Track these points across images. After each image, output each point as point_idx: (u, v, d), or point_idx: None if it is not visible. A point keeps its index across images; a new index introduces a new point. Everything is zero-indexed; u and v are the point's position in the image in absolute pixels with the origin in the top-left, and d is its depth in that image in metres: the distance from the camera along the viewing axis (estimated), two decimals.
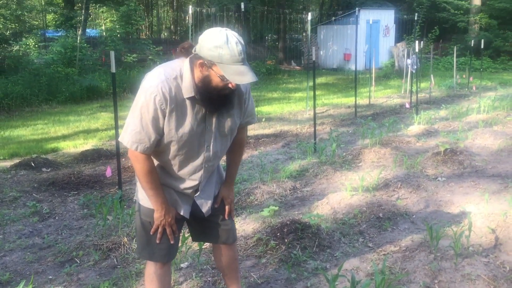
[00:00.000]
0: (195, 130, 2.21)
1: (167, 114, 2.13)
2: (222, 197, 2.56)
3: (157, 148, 2.24)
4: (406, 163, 5.95)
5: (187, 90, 2.14)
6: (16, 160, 6.90)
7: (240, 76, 2.03)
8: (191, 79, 2.13)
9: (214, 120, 2.26)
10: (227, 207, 2.57)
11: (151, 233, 2.38)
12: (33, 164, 6.49)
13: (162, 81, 2.11)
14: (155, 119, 2.13)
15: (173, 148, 2.23)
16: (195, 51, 2.11)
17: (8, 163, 6.81)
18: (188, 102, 2.16)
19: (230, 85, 2.09)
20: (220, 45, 2.00)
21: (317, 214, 4.24)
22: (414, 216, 4.43)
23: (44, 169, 6.42)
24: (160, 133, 2.17)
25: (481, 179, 5.38)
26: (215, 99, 2.15)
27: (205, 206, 2.45)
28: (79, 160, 7.03)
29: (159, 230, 2.37)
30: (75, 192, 5.48)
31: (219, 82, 2.08)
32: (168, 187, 2.38)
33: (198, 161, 2.31)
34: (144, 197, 2.39)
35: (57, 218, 4.72)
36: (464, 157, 6.06)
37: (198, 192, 2.42)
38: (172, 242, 2.42)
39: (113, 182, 5.67)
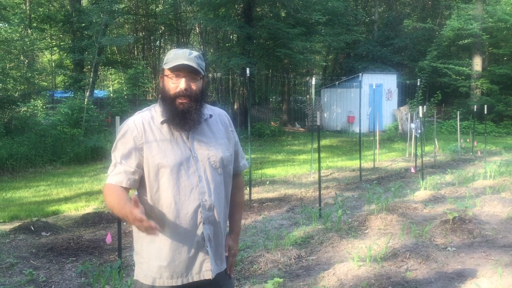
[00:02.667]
0: (181, 156, 2.15)
1: (143, 142, 2.14)
2: (227, 246, 2.36)
3: (151, 186, 2.13)
4: (414, 231, 5.80)
5: (161, 115, 2.20)
6: (16, 223, 6.79)
7: (176, 61, 2.14)
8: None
9: (199, 147, 2.20)
10: (229, 260, 2.36)
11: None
12: (32, 228, 6.37)
13: (134, 115, 2.24)
14: (127, 147, 2.15)
15: (163, 179, 2.11)
16: None
17: (7, 226, 6.70)
18: (165, 128, 2.18)
19: (175, 84, 2.15)
20: (169, 52, 2.23)
21: (324, 287, 4.07)
22: None
23: (43, 233, 6.29)
24: (136, 163, 2.14)
25: (492, 250, 5.21)
26: (175, 108, 2.15)
27: (212, 263, 2.20)
28: (79, 224, 6.91)
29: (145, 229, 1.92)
30: (73, 259, 5.33)
31: (170, 83, 2.17)
32: (179, 252, 2.13)
33: (194, 194, 2.13)
34: (149, 273, 2.16)
35: (53, 287, 4.56)
36: (473, 225, 5.91)
37: (206, 242, 2.18)
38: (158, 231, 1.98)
39: (113, 247, 5.53)
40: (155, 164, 2.12)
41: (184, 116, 2.16)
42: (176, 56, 2.16)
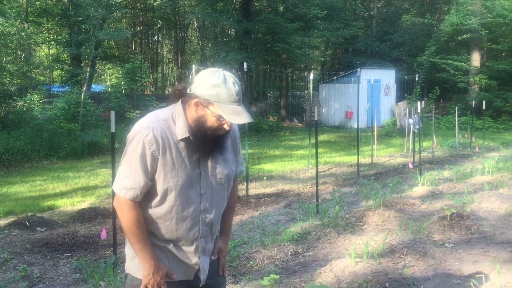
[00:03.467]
0: (191, 175, 2.10)
1: (159, 157, 2.04)
2: (218, 249, 2.35)
3: (155, 200, 2.10)
4: (412, 227, 5.76)
5: (181, 131, 2.08)
6: (11, 219, 6.73)
7: (237, 115, 2.01)
8: (185, 119, 2.09)
9: (209, 165, 2.15)
10: (221, 261, 2.37)
11: None
12: (27, 223, 6.31)
13: (153, 121, 2.07)
14: (144, 162, 2.04)
15: (170, 197, 2.08)
16: (190, 91, 2.08)
17: (2, 222, 6.64)
18: (182, 145, 2.09)
19: (225, 126, 2.06)
20: (218, 84, 2.00)
21: (321, 284, 4.03)
22: (422, 287, 4.21)
23: (38, 229, 6.24)
24: (150, 177, 2.06)
25: (490, 246, 5.18)
26: (209, 140, 2.08)
27: (204, 272, 2.23)
28: (75, 219, 6.86)
29: None
30: (68, 254, 5.28)
31: (215, 122, 2.04)
32: (172, 259, 2.17)
33: (196, 211, 2.13)
34: (139, 267, 2.15)
35: (47, 283, 4.51)
36: (471, 222, 5.88)
37: (200, 254, 2.21)
38: None
39: (109, 243, 5.48)
40: (165, 182, 2.07)
41: (220, 149, 2.16)
42: (230, 97, 2.00)
